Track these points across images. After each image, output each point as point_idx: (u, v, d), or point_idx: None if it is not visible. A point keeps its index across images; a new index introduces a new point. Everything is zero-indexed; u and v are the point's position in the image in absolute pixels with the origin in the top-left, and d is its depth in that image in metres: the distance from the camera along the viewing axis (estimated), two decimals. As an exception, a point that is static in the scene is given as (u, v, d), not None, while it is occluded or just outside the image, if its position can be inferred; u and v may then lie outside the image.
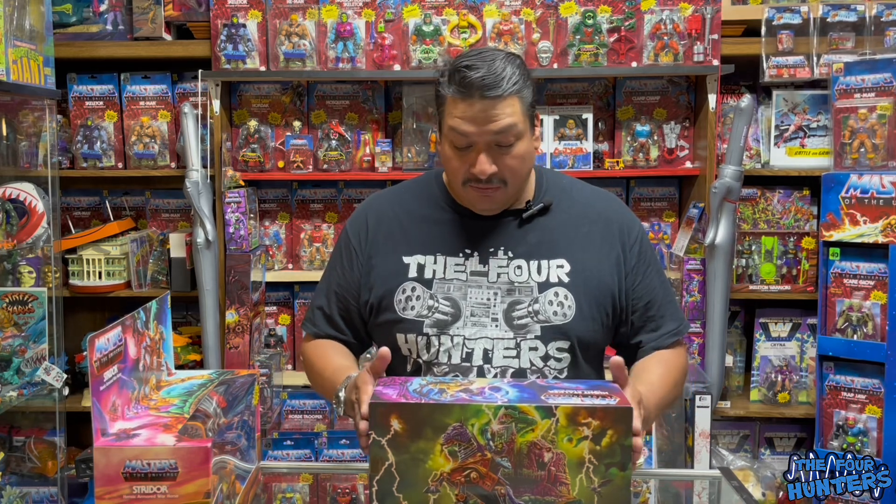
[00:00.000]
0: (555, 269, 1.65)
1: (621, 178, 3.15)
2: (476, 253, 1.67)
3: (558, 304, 1.63)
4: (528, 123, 1.60)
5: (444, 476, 1.28)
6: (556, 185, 1.75)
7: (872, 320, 2.77)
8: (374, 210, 1.77)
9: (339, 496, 1.69)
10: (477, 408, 1.27)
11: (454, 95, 1.56)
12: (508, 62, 1.56)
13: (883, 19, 2.92)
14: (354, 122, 3.16)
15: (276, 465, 1.91)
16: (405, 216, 1.73)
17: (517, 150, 1.58)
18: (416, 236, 1.70)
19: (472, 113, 1.54)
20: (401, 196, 1.79)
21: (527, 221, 1.69)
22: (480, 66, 1.54)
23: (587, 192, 1.78)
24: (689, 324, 1.84)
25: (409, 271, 1.67)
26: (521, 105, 1.57)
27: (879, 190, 2.75)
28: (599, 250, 1.69)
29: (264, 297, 3.16)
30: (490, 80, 1.53)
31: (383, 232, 1.73)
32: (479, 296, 1.65)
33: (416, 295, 1.65)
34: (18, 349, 2.50)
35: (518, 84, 1.56)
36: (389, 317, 1.67)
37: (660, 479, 1.86)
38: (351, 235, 1.77)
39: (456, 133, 1.57)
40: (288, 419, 3.15)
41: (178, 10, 3.08)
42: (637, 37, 2.97)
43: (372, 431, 1.28)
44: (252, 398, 1.48)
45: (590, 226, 1.70)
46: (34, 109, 2.71)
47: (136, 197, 3.31)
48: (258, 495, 1.54)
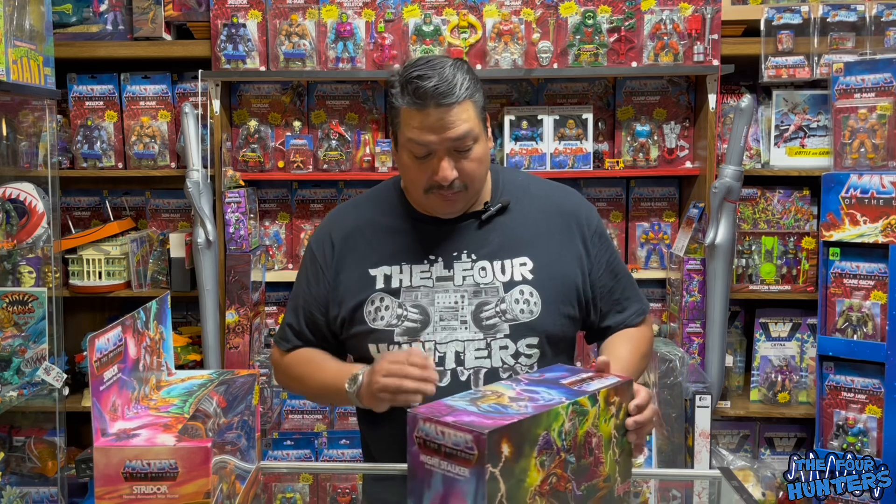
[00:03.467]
0: (518, 268, 1.68)
1: (621, 178, 3.16)
2: (440, 258, 1.69)
3: (524, 301, 1.66)
4: (482, 126, 1.63)
5: (536, 490, 1.22)
6: (512, 183, 1.77)
7: (872, 320, 2.77)
8: (338, 226, 1.79)
9: (339, 496, 1.69)
10: (556, 411, 1.24)
11: (409, 106, 1.58)
12: (457, 68, 1.59)
13: (883, 19, 2.92)
14: (354, 122, 3.16)
15: (276, 465, 1.90)
16: (367, 228, 1.75)
17: (475, 154, 1.61)
18: (379, 248, 1.72)
19: (429, 122, 1.56)
20: (361, 208, 1.80)
21: (486, 222, 1.72)
22: (432, 76, 1.55)
23: (544, 187, 1.81)
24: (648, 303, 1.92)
25: (377, 282, 1.69)
26: (475, 109, 1.61)
27: (879, 190, 2.75)
28: (560, 244, 1.72)
29: (264, 297, 3.16)
30: (443, 87, 1.55)
31: (348, 246, 1.74)
32: (446, 300, 1.67)
33: (384, 305, 1.68)
34: (18, 349, 2.50)
35: (470, 89, 1.59)
36: (360, 329, 1.70)
37: (660, 479, 1.86)
38: (316, 252, 1.77)
39: (415, 143, 1.59)
40: (288, 419, 3.15)
41: (178, 10, 3.08)
42: (637, 37, 2.98)
43: (488, 464, 1.14)
44: (252, 398, 1.48)
45: (549, 221, 1.73)
46: (34, 109, 2.71)
47: (136, 197, 3.31)
48: (258, 495, 1.54)
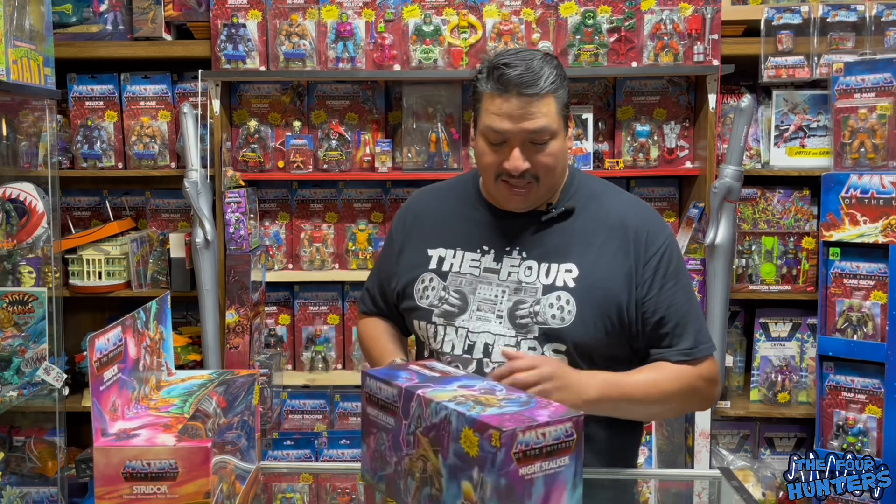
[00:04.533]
0: (563, 273, 1.66)
1: (621, 178, 3.15)
2: (492, 250, 1.71)
3: (558, 307, 1.63)
4: (562, 123, 1.62)
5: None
6: (586, 189, 1.74)
7: (872, 320, 2.77)
8: (416, 205, 1.87)
9: (339, 496, 1.69)
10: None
11: (491, 92, 1.59)
12: (546, 62, 1.59)
13: (883, 19, 2.92)
14: (354, 122, 3.16)
15: (276, 465, 1.90)
16: (439, 212, 1.81)
17: (551, 149, 1.60)
18: (442, 230, 1.77)
19: (508, 109, 1.57)
20: (440, 191, 1.87)
21: (546, 224, 1.70)
22: (518, 65, 1.57)
23: (616, 199, 1.75)
24: (710, 347, 1.70)
25: (431, 263, 1.75)
26: (557, 105, 1.60)
27: (879, 190, 2.75)
28: (612, 259, 1.67)
29: (264, 297, 3.16)
30: (528, 77, 1.56)
31: (418, 224, 1.82)
32: (487, 292, 1.68)
33: (431, 285, 1.73)
34: (18, 349, 2.50)
35: (555, 84, 1.58)
36: (409, 304, 1.76)
37: (660, 479, 1.86)
38: (395, 226, 1.87)
39: (491, 129, 1.60)
40: (288, 419, 3.15)
41: (178, 10, 3.08)
42: (637, 37, 2.97)
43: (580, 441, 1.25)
44: (252, 398, 1.48)
45: (608, 233, 1.68)
46: (34, 109, 2.71)
47: (136, 197, 3.31)
48: (258, 495, 1.54)
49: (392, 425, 1.36)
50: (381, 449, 1.40)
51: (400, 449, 1.35)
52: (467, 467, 1.21)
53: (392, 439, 1.37)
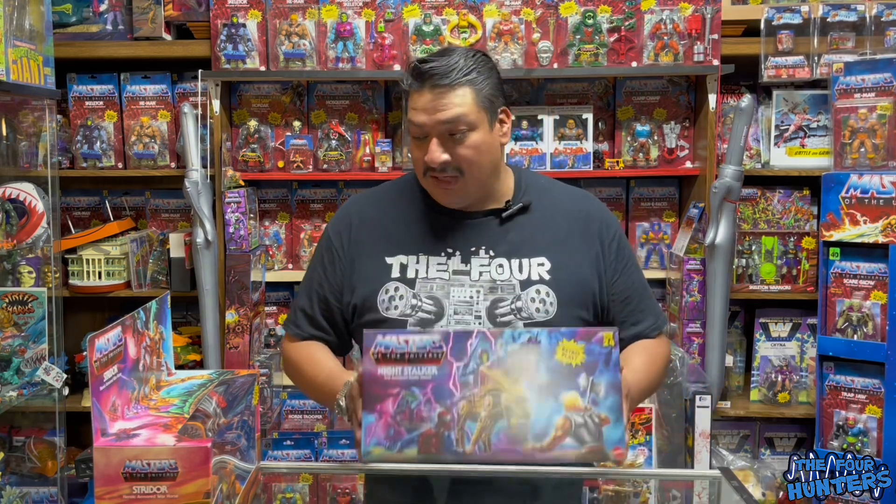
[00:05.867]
0: (536, 267, 1.68)
1: (621, 178, 3.15)
2: (458, 252, 1.69)
3: (540, 301, 1.66)
4: (484, 115, 1.63)
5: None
6: (535, 185, 1.78)
7: (872, 320, 2.77)
8: (356, 211, 1.79)
9: (339, 496, 1.69)
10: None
11: (409, 88, 1.63)
12: (465, 55, 1.62)
13: (883, 19, 2.92)
14: (354, 122, 3.16)
15: (276, 465, 1.91)
16: (387, 217, 1.76)
17: (471, 140, 1.61)
18: (398, 237, 1.72)
19: (423, 103, 1.60)
20: (382, 196, 1.81)
21: (507, 220, 1.72)
22: (434, 60, 1.60)
23: (566, 191, 1.81)
24: (667, 318, 1.88)
25: (392, 271, 1.69)
26: (475, 95, 1.61)
27: (879, 190, 2.75)
28: (579, 248, 1.72)
29: (264, 297, 3.16)
30: (440, 69, 1.59)
31: (365, 233, 1.74)
32: (461, 294, 1.67)
33: (398, 295, 1.67)
34: (18, 349, 2.50)
35: (470, 75, 1.60)
36: (373, 317, 1.68)
37: (660, 479, 1.86)
38: (332, 237, 1.78)
39: (412, 123, 1.63)
40: (288, 419, 3.15)
41: (178, 10, 3.08)
42: (637, 37, 2.97)
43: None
44: (252, 398, 1.48)
45: (569, 224, 1.73)
46: (34, 109, 2.71)
47: (136, 197, 3.31)
48: (258, 495, 1.54)
49: (433, 374, 1.33)
50: (409, 408, 1.34)
51: (450, 395, 1.32)
52: (568, 379, 1.31)
53: (434, 390, 1.33)
